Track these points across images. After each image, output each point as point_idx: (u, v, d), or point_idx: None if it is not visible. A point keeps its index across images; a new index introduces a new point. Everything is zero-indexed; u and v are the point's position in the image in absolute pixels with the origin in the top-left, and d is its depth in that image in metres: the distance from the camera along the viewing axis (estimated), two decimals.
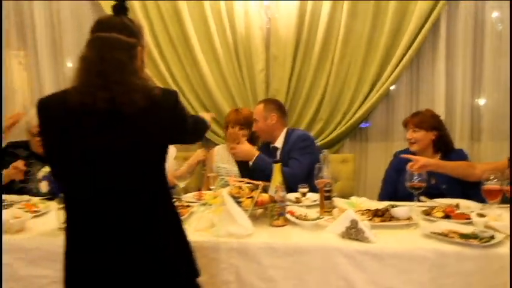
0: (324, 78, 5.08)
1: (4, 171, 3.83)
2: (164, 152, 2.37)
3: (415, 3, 4.83)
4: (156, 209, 2.42)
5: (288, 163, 4.01)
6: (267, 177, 3.27)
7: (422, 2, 4.79)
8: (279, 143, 4.26)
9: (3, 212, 3.44)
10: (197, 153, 4.62)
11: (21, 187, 4.07)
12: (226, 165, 4.45)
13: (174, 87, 5.18)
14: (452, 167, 3.62)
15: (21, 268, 3.11)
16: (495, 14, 4.88)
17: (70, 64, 5.49)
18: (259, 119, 4.26)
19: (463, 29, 4.92)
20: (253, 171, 3.95)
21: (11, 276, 3.13)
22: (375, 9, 4.91)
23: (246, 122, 4.35)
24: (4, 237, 3.15)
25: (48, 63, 5.55)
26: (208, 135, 5.21)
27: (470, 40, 4.92)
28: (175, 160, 4.23)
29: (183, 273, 2.52)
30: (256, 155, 4.00)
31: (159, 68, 5.31)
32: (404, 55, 4.93)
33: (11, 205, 3.70)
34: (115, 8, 2.42)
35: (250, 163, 4.01)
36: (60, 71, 5.53)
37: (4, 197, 3.90)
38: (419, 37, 4.86)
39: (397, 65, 4.94)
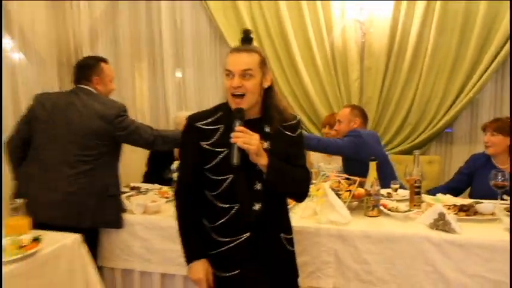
0: (413, 88, 5.08)
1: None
2: None
3: (501, 20, 4.73)
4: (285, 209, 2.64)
5: None
6: None
7: (507, 18, 4.67)
8: None
9: (141, 196, 3.77)
10: None
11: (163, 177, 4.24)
12: (322, 163, 4.61)
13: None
14: None
15: (157, 243, 3.39)
16: None
17: (180, 74, 5.71)
18: (343, 121, 4.29)
19: None
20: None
21: (148, 249, 3.41)
22: (462, 25, 4.86)
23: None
24: (142, 217, 3.47)
25: (170, 73, 5.67)
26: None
27: None
28: None
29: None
30: None
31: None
32: (488, 68, 4.83)
33: (146, 192, 3.96)
34: (243, 39, 2.55)
35: None
36: (177, 79, 5.72)
37: (139, 185, 4.20)
38: (503, 52, 4.76)
39: (481, 77, 4.86)
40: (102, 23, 5.65)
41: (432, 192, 3.92)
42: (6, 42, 4.96)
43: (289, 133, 2.49)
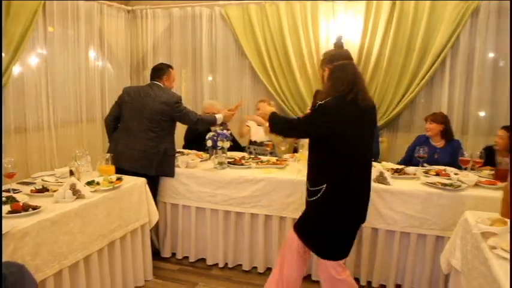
0: (372, 90, 4.94)
1: (223, 113, 3.91)
2: None
3: (433, 44, 4.70)
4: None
5: None
6: None
7: (438, 42, 4.67)
8: None
9: (184, 157, 3.90)
10: None
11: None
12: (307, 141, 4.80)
13: (279, 91, 5.35)
14: None
15: (193, 187, 3.62)
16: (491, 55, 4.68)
17: (211, 78, 5.67)
18: None
19: (461, 63, 4.71)
20: None
21: (187, 191, 3.64)
22: (407, 47, 4.79)
23: None
24: (183, 170, 3.65)
25: (205, 77, 5.65)
26: None
27: (464, 72, 4.72)
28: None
29: None
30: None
31: (271, 78, 5.36)
32: (423, 78, 4.80)
33: (187, 154, 4.12)
34: (336, 44, 2.74)
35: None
36: (210, 81, 5.69)
37: (183, 150, 4.33)
38: (433, 68, 4.72)
39: (418, 84, 4.83)
40: (162, 39, 5.74)
41: (398, 163, 4.06)
42: (97, 53, 5.23)
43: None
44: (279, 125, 2.71)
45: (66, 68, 4.75)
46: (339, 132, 2.40)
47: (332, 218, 2.48)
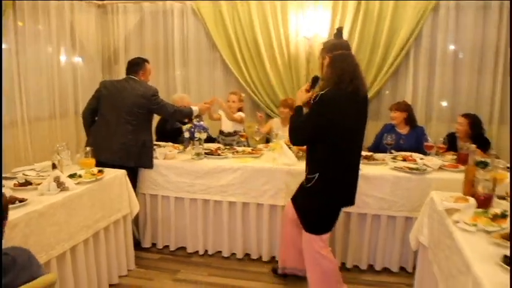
0: None
1: (199, 106, 3.99)
2: None
3: (396, 39, 4.91)
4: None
5: None
6: None
7: (401, 37, 4.87)
8: None
9: (161, 148, 3.94)
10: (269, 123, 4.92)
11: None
12: (280, 131, 4.90)
13: (250, 82, 5.46)
14: None
15: (172, 177, 3.67)
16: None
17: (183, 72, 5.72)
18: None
19: (424, 56, 4.96)
20: None
21: (166, 181, 3.69)
22: (373, 40, 5.00)
23: (290, 106, 4.41)
24: (161, 161, 3.70)
25: (178, 70, 5.74)
26: (267, 111, 5.42)
27: (427, 64, 4.98)
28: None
29: None
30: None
31: (242, 70, 5.47)
32: (387, 72, 5.02)
33: (164, 146, 4.15)
34: (336, 35, 2.71)
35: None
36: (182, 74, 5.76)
37: (159, 142, 4.33)
38: (397, 61, 4.99)
39: (383, 77, 5.04)
40: (133, 33, 5.75)
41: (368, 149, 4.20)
42: (68, 48, 5.19)
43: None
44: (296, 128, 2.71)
45: (38, 64, 4.73)
46: (338, 125, 2.50)
47: (324, 204, 2.69)
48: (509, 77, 4.59)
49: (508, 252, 1.69)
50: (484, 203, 2.27)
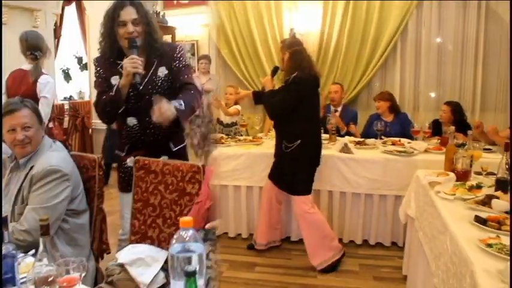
0: (333, 75, 5.45)
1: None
2: None
3: (384, 35, 5.20)
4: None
5: None
6: None
7: (388, 34, 5.17)
8: None
9: None
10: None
11: None
12: None
13: (248, 77, 5.74)
14: None
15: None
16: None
17: None
18: None
19: (410, 49, 5.25)
20: None
21: None
22: (362, 36, 5.31)
23: None
24: None
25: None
26: None
27: (413, 57, 5.28)
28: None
29: None
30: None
31: (238, 60, 5.79)
32: (376, 65, 5.33)
33: None
34: (291, 35, 3.14)
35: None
36: None
37: None
38: (384, 55, 5.30)
39: (372, 70, 5.35)
40: None
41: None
42: None
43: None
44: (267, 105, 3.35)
45: None
46: (310, 99, 3.14)
47: (307, 164, 3.26)
48: (509, 70, 4.79)
49: (480, 214, 1.99)
50: (462, 176, 2.58)
